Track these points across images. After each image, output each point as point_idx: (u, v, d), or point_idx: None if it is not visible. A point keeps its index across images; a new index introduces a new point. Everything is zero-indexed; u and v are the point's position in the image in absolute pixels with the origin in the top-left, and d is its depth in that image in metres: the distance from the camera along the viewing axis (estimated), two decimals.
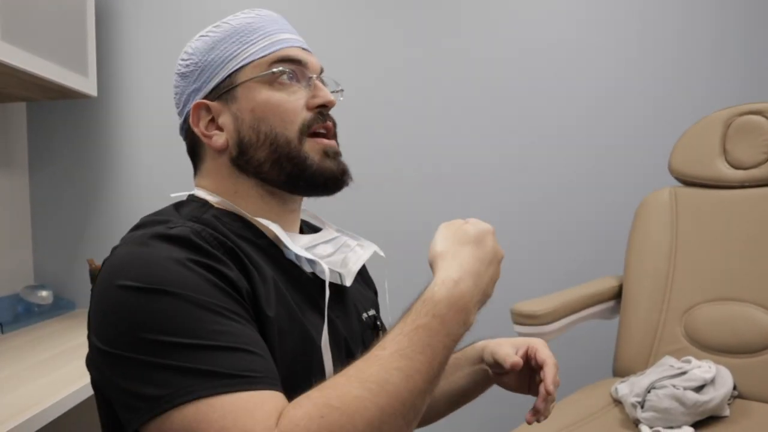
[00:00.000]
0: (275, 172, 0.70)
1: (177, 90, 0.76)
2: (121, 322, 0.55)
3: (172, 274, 0.56)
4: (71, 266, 1.94)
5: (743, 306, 1.43)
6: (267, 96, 0.70)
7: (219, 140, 0.71)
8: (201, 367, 0.51)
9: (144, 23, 1.95)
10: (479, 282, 0.62)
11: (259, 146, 0.70)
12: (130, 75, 1.95)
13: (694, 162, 1.59)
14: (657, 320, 1.51)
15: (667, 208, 1.60)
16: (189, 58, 0.74)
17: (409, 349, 0.54)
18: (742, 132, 1.54)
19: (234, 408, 0.50)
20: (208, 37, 0.73)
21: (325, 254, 0.74)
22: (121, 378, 0.54)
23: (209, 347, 0.52)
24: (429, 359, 0.54)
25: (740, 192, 1.53)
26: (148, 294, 0.54)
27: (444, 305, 0.57)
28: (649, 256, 1.58)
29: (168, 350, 0.52)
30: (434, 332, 0.55)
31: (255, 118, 0.70)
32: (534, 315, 1.42)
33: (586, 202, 1.96)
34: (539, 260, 1.97)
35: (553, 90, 1.97)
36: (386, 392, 0.51)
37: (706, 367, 1.28)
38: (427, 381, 0.54)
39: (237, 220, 0.70)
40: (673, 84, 1.94)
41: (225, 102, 0.71)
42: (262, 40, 0.72)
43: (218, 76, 0.71)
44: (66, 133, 1.96)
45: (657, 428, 1.19)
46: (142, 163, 1.95)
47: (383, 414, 0.50)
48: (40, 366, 1.24)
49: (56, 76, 1.55)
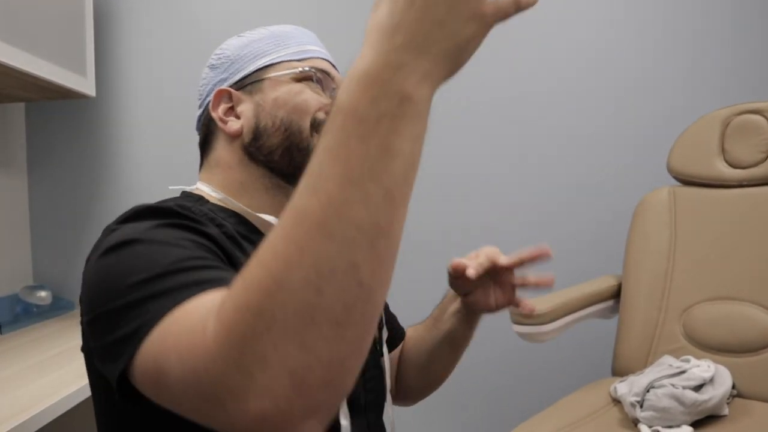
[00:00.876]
0: (285, 161, 0.72)
1: (203, 82, 0.78)
2: (99, 284, 0.53)
3: (141, 230, 0.55)
4: (70, 266, 1.94)
5: (742, 305, 1.44)
6: (291, 87, 0.73)
7: (234, 126, 0.73)
8: (165, 286, 0.48)
9: (142, 24, 1.94)
10: (420, 22, 0.40)
11: (273, 132, 0.71)
12: (128, 75, 1.95)
13: (692, 161, 1.60)
14: (656, 319, 1.52)
15: (665, 208, 1.60)
16: (222, 52, 0.77)
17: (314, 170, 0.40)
18: (740, 131, 1.54)
19: (180, 320, 0.45)
20: (244, 36, 0.77)
21: None
22: (102, 335, 0.51)
23: (173, 271, 0.49)
24: (340, 164, 0.39)
25: (739, 191, 1.53)
26: (117, 249, 0.53)
27: (348, 81, 0.41)
28: (648, 255, 1.58)
29: (138, 287, 0.49)
30: (339, 128, 0.39)
31: (276, 106, 0.72)
32: (533, 314, 1.42)
33: (585, 202, 1.96)
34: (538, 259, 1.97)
35: (551, 91, 1.97)
36: (293, 228, 0.39)
37: (705, 366, 1.28)
38: (346, 185, 0.38)
39: (233, 216, 0.70)
40: (671, 83, 1.94)
41: (249, 93, 0.74)
42: (295, 47, 0.76)
43: (247, 69, 0.74)
44: (65, 134, 1.95)
45: (656, 427, 1.19)
46: (140, 163, 1.95)
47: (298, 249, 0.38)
48: (40, 366, 1.24)
49: (55, 76, 1.55)
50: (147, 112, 1.94)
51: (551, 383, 1.92)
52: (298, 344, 0.37)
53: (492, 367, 1.99)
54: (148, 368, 0.46)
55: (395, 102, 0.39)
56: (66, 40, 1.61)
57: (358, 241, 0.38)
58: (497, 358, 1.98)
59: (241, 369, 0.38)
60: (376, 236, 0.38)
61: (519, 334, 1.45)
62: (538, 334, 1.43)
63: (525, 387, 1.98)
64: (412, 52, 0.39)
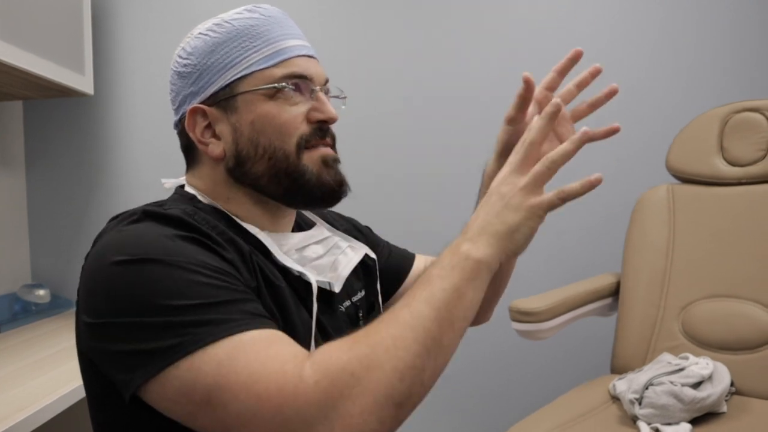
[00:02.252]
0: (273, 186, 0.69)
1: (173, 87, 0.74)
2: (116, 292, 0.54)
3: (162, 247, 0.56)
4: (68, 265, 1.94)
5: (740, 303, 1.44)
6: (268, 109, 0.68)
7: (216, 150, 0.70)
8: (206, 317, 0.53)
9: (140, 21, 1.94)
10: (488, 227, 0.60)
11: (257, 160, 0.68)
12: (126, 73, 1.94)
13: (691, 159, 1.60)
14: (654, 317, 1.52)
15: (664, 205, 1.60)
16: (188, 58, 0.71)
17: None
18: (739, 129, 1.54)
19: (255, 344, 0.52)
20: (208, 36, 0.70)
21: (315, 256, 0.73)
22: (116, 342, 0.54)
23: (208, 304, 0.53)
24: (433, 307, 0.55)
25: (737, 189, 1.53)
26: (137, 264, 0.55)
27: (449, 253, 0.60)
28: (647, 253, 1.58)
29: (164, 311, 0.52)
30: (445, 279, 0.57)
31: (254, 131, 0.68)
32: (532, 312, 1.42)
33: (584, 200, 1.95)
34: (537, 257, 1.97)
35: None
36: (406, 330, 0.54)
37: (704, 364, 1.28)
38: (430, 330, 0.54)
39: (224, 218, 0.69)
40: (670, 81, 1.94)
41: (223, 110, 0.69)
42: (265, 48, 0.69)
43: (217, 83, 0.69)
44: (63, 132, 1.95)
45: (655, 425, 1.19)
46: (139, 160, 1.95)
47: (401, 343, 0.53)
48: (38, 365, 1.24)
49: (53, 74, 1.54)
50: (145, 110, 1.94)
51: (550, 381, 1.92)
52: (376, 416, 0.50)
53: (491, 365, 1.99)
54: (187, 388, 0.51)
55: (469, 264, 0.57)
56: (64, 37, 1.61)
57: (431, 352, 0.53)
58: (496, 355, 1.98)
59: (328, 420, 0.49)
60: (440, 352, 0.54)
61: (518, 331, 1.45)
62: (536, 331, 1.43)
63: (524, 384, 1.98)
64: (479, 233, 0.59)
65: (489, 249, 0.58)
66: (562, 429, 1.23)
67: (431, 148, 1.97)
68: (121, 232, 0.59)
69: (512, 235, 0.58)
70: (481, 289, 0.57)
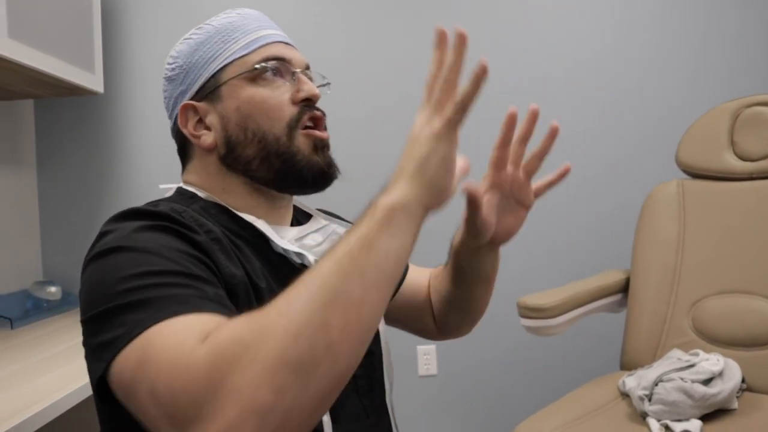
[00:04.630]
0: (264, 169, 0.71)
1: (166, 94, 0.77)
2: (88, 288, 0.56)
3: (125, 237, 0.57)
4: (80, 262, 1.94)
5: (751, 298, 1.43)
6: (251, 93, 0.71)
7: (207, 140, 0.72)
8: (153, 295, 0.51)
9: (150, 19, 1.95)
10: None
11: (247, 144, 0.70)
12: (136, 71, 1.95)
13: (701, 154, 1.58)
14: (664, 313, 1.51)
15: (674, 201, 1.59)
16: (174, 62, 0.75)
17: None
18: (750, 124, 1.53)
19: (164, 335, 0.49)
20: (191, 39, 0.74)
21: (314, 244, 0.74)
22: (88, 337, 0.55)
23: (157, 284, 0.52)
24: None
25: (748, 184, 1.52)
26: (104, 255, 0.56)
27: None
28: (657, 248, 1.57)
29: (120, 296, 0.52)
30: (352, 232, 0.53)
31: (241, 116, 0.70)
32: (541, 308, 1.42)
33: (594, 195, 1.95)
34: (546, 253, 1.97)
35: (559, 84, 1.96)
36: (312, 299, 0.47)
37: (714, 360, 1.27)
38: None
39: (223, 213, 0.70)
40: (680, 76, 1.93)
41: (211, 102, 0.72)
42: (243, 38, 0.73)
43: (202, 77, 0.72)
44: (73, 130, 1.97)
45: (665, 421, 1.19)
46: (149, 158, 1.96)
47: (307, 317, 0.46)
48: (49, 361, 1.25)
49: (63, 72, 1.55)
50: (155, 109, 1.95)
51: (559, 377, 1.92)
52: (269, 385, 0.43)
53: (500, 362, 1.99)
54: (124, 375, 0.49)
55: (378, 212, 0.52)
56: (74, 36, 1.62)
57: (331, 306, 0.46)
58: (505, 352, 1.98)
59: (217, 396, 0.43)
60: (347, 306, 0.47)
61: (527, 327, 1.45)
62: (545, 327, 1.43)
63: (533, 381, 1.97)
64: (392, 181, 0.56)
65: (400, 191, 0.54)
66: (572, 425, 1.22)
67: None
68: (103, 235, 0.60)
69: (423, 169, 0.55)
70: (401, 233, 0.52)
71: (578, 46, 1.95)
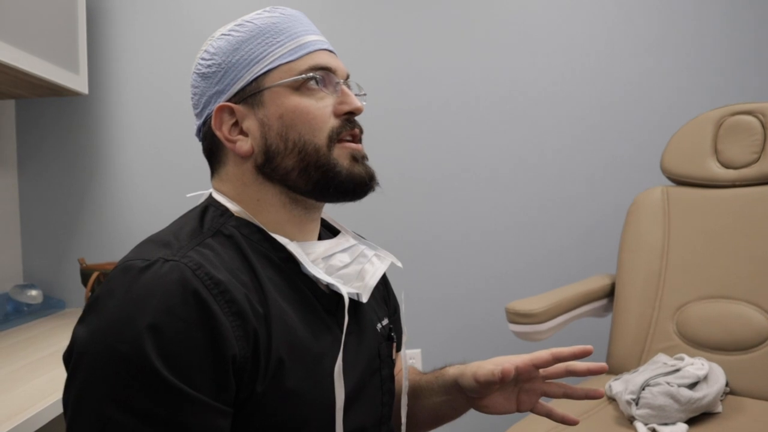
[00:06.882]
0: (303, 181, 0.69)
1: (196, 90, 0.73)
2: (76, 366, 0.57)
3: (138, 342, 0.55)
4: (61, 265, 1.92)
5: (735, 304, 1.45)
6: (296, 102, 0.68)
7: (244, 146, 0.69)
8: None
9: (136, 20, 1.93)
10: None
11: (287, 154, 0.68)
12: (121, 73, 1.93)
13: (685, 161, 1.61)
14: (649, 318, 1.53)
15: (659, 207, 1.61)
16: (211, 58, 0.71)
17: None
18: (733, 132, 1.56)
19: None
20: (231, 36, 0.71)
21: (341, 265, 0.73)
22: (67, 388, 0.58)
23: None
24: None
25: (731, 191, 1.55)
26: (82, 360, 0.56)
27: None
28: (642, 254, 1.59)
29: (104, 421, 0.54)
30: None
31: (283, 125, 0.68)
32: (529, 314, 1.43)
33: (580, 202, 1.97)
34: (533, 259, 1.98)
35: (544, 92, 1.98)
36: None
37: (699, 365, 1.29)
38: None
39: (256, 232, 0.68)
40: (664, 84, 1.96)
41: (250, 106, 0.69)
42: (289, 42, 0.70)
43: (243, 79, 0.69)
44: (56, 131, 1.93)
45: (652, 425, 1.20)
46: (133, 161, 1.93)
47: None
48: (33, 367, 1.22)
49: (46, 73, 1.52)
50: (140, 111, 1.93)
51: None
52: None
53: None
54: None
55: None
56: (58, 36, 1.59)
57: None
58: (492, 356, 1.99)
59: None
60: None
61: (515, 333, 1.46)
62: (534, 333, 1.44)
63: None
64: None
65: None
66: (560, 430, 1.23)
67: (431, 153, 1.97)
68: (106, 288, 0.60)
69: None
70: None
71: (563, 56, 1.97)
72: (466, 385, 0.78)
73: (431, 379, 0.86)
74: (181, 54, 1.90)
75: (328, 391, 0.64)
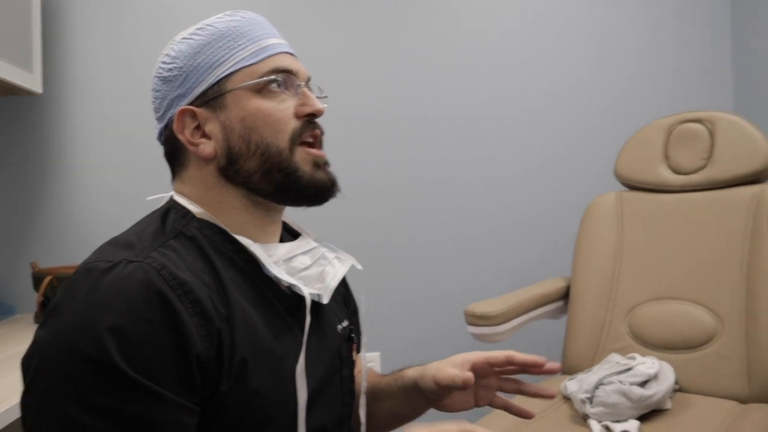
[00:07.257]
0: (265, 183, 0.69)
1: (157, 94, 0.73)
2: (35, 371, 0.56)
3: (103, 343, 0.54)
4: (12, 269, 1.86)
5: (683, 304, 1.51)
6: (258, 105, 0.69)
7: (207, 149, 0.69)
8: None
9: (92, 19, 1.89)
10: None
11: (249, 156, 0.68)
12: (76, 72, 1.89)
13: (638, 167, 1.66)
14: (603, 319, 1.57)
15: (612, 212, 1.66)
16: (172, 62, 0.71)
17: None
18: (683, 139, 1.62)
19: None
20: (192, 40, 0.70)
21: (303, 266, 0.73)
22: (24, 395, 0.58)
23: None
24: None
25: (682, 196, 1.60)
26: (54, 364, 0.55)
27: None
28: (596, 257, 1.64)
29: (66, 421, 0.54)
30: None
31: (245, 128, 0.68)
32: (488, 316, 1.45)
33: (536, 206, 2.02)
34: (490, 262, 2.01)
35: (503, 100, 2.02)
36: None
37: (650, 363, 1.34)
38: None
39: (218, 233, 0.68)
40: (619, 92, 2.02)
41: (212, 109, 0.69)
42: (250, 46, 0.70)
43: (205, 83, 0.69)
44: (9, 131, 1.87)
45: (605, 422, 1.24)
46: (88, 162, 1.89)
47: None
48: None
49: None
50: (95, 110, 1.89)
51: None
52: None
53: None
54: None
55: None
56: (11, 33, 1.55)
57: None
58: None
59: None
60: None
61: (474, 335, 1.48)
62: (492, 335, 1.46)
63: None
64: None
65: None
66: (516, 429, 1.26)
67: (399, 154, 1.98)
68: (75, 295, 0.58)
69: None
70: None
71: (519, 63, 2.01)
72: (427, 387, 0.80)
73: (390, 381, 0.87)
74: (138, 53, 1.87)
75: (290, 391, 0.65)
